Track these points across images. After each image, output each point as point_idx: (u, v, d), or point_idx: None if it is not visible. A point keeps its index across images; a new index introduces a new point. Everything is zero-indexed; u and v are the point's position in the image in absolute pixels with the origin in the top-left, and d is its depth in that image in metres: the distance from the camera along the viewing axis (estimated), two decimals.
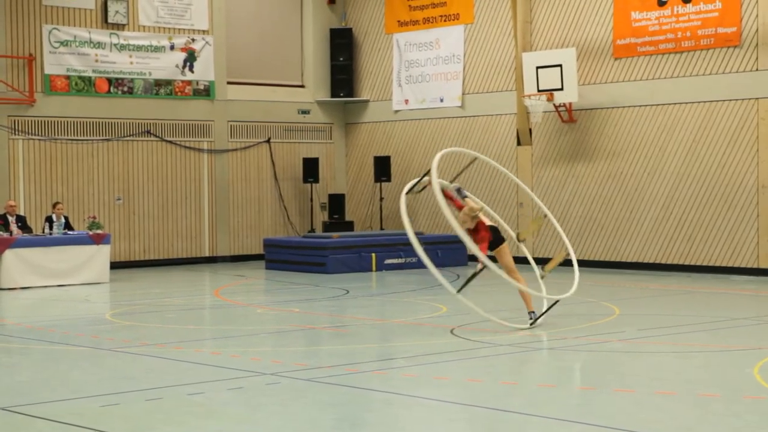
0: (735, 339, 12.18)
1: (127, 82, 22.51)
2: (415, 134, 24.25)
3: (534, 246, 22.06)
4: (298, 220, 24.83)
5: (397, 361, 11.16)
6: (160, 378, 10.03)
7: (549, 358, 11.00)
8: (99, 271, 19.25)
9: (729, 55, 19.38)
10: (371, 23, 25.00)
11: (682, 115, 20.02)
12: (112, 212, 22.34)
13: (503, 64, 22.59)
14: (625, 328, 12.93)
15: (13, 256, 18.31)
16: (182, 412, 8.55)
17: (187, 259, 23.33)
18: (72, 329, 13.51)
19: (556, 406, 8.65)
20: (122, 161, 22.52)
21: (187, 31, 23.26)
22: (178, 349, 11.70)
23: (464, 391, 9.39)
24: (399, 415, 8.50)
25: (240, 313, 15.55)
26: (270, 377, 9.89)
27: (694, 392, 9.13)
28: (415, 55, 24.10)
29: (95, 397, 9.08)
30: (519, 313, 13.39)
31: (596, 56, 21.09)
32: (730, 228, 19.42)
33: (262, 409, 8.66)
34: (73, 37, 21.80)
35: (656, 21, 20.23)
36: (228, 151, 23.90)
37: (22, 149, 21.39)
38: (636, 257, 20.64)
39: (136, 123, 22.68)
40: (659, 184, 20.32)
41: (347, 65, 25.18)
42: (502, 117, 22.65)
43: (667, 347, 11.59)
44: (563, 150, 21.68)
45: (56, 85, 21.68)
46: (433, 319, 13.62)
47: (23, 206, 21.15)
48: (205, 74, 23.48)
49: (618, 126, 20.88)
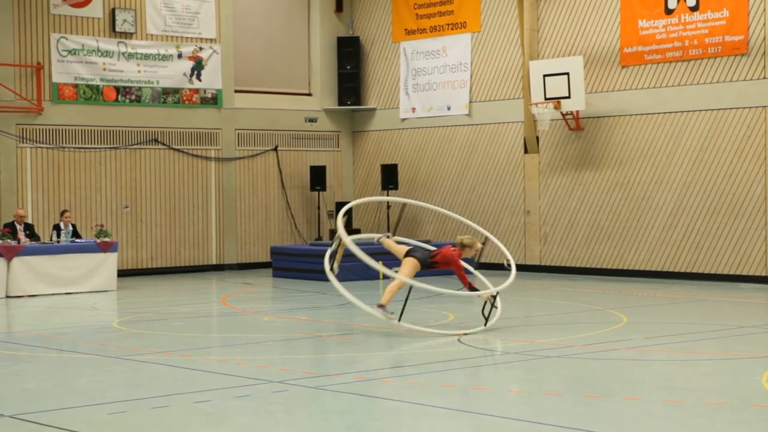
0: (743, 347, 12.15)
1: (135, 91, 22.56)
2: (422, 142, 24.27)
3: (541, 254, 22.06)
4: (305, 228, 24.85)
5: (404, 368, 11.15)
6: (167, 385, 10.04)
7: (556, 366, 10.99)
8: (106, 278, 19.28)
9: (736, 63, 19.37)
10: (378, 31, 25.04)
11: (690, 124, 20.00)
12: (119, 220, 22.38)
13: (510, 72, 22.60)
14: (633, 336, 12.92)
15: (20, 264, 18.35)
16: (189, 419, 8.55)
17: (194, 267, 23.36)
18: (79, 337, 13.53)
19: (563, 415, 8.64)
20: (130, 169, 22.57)
21: (195, 39, 23.31)
22: (186, 357, 11.71)
23: (471, 399, 9.38)
24: (406, 423, 8.49)
25: (247, 320, 15.56)
26: (277, 385, 9.90)
27: (702, 400, 9.12)
28: (422, 63, 24.13)
29: (103, 405, 9.08)
30: (517, 320, 13.34)
31: (603, 64, 21.10)
32: (738, 236, 19.39)
33: (269, 416, 8.66)
34: (81, 46, 21.86)
35: (663, 29, 20.23)
36: (235, 159, 23.93)
37: (30, 157, 21.44)
38: (643, 265, 20.62)
39: (144, 131, 22.73)
40: (666, 192, 20.30)
41: (354, 73, 25.22)
42: (509, 125, 22.66)
43: (675, 355, 11.57)
44: (570, 158, 21.67)
45: (64, 94, 21.73)
46: (441, 326, 13.61)
47: (31, 214, 21.19)
48: (213, 82, 23.52)
49: (625, 134, 20.87)
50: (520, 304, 17.20)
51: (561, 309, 16.08)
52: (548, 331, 13.62)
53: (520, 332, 13.53)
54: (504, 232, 22.67)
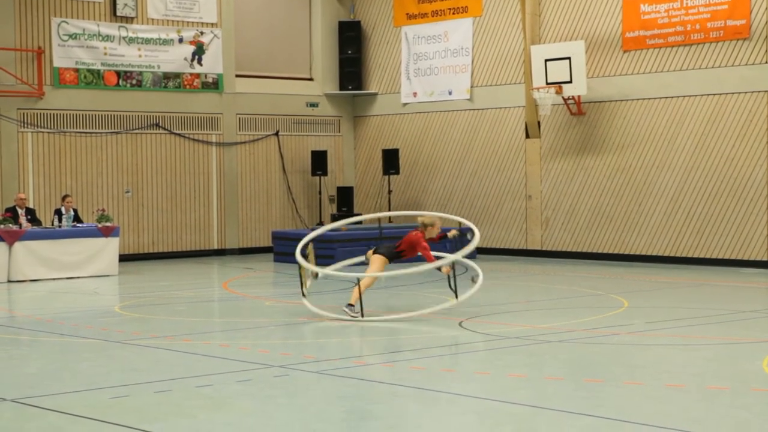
0: (744, 331, 12.16)
1: (136, 75, 22.53)
2: (423, 127, 24.24)
3: (543, 239, 22.07)
4: (306, 213, 24.84)
5: (405, 353, 11.17)
6: (168, 370, 10.06)
7: (557, 350, 11.00)
8: (108, 263, 19.29)
9: (738, 47, 19.33)
10: (380, 16, 24.98)
11: (691, 108, 19.98)
12: (120, 205, 22.38)
13: (512, 56, 22.56)
14: (634, 321, 12.93)
15: (22, 249, 18.36)
16: (191, 404, 8.57)
17: (195, 252, 23.37)
18: (81, 321, 13.54)
19: (564, 399, 8.65)
20: (131, 154, 22.56)
21: (196, 24, 23.27)
22: (187, 342, 11.72)
23: (472, 383, 9.40)
24: (407, 408, 8.50)
25: (248, 305, 15.58)
26: (278, 369, 9.91)
27: (703, 385, 9.13)
28: (423, 48, 24.08)
29: (104, 389, 9.10)
30: (518, 305, 13.35)
31: (605, 49, 21.05)
32: (740, 221, 19.38)
33: (271, 401, 8.68)
34: (82, 30, 21.82)
35: (665, 13, 20.18)
36: (236, 144, 23.91)
37: (31, 142, 21.43)
38: (645, 250, 20.61)
39: (145, 116, 22.70)
40: (668, 176, 20.28)
41: (356, 58, 25.17)
42: (510, 110, 22.63)
43: (676, 340, 11.58)
44: (572, 143, 21.65)
45: (65, 78, 21.70)
46: (442, 311, 13.61)
47: (32, 199, 21.19)
48: (214, 67, 23.49)
49: (627, 119, 20.84)
50: (521, 289, 17.21)
51: (562, 294, 16.10)
52: (549, 315, 13.64)
53: (521, 317, 13.54)
54: (505, 217, 22.67)
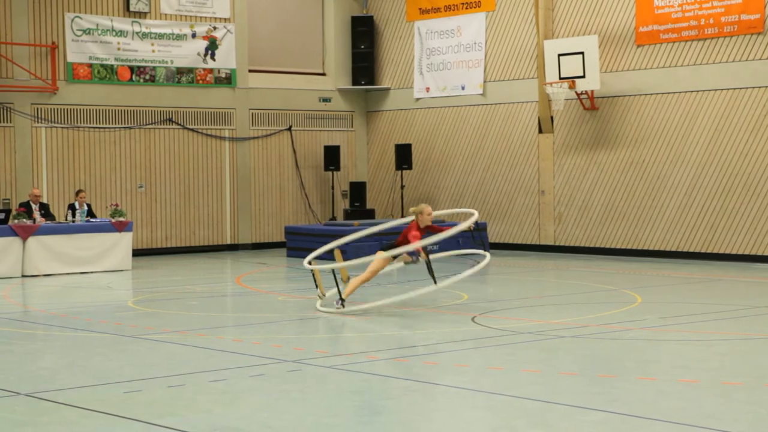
0: (758, 327, 12.13)
1: (149, 70, 22.56)
2: (436, 122, 24.22)
3: (556, 234, 22.03)
4: (319, 208, 24.86)
5: (417, 348, 11.17)
6: (182, 365, 10.07)
7: (570, 345, 10.98)
8: (121, 258, 19.33)
9: (752, 42, 19.26)
10: (392, 11, 24.96)
11: (705, 103, 19.91)
12: (134, 200, 22.43)
13: (525, 51, 22.52)
14: (647, 316, 12.90)
15: (36, 244, 18.41)
16: (204, 398, 8.58)
17: (208, 247, 23.40)
18: (94, 316, 13.58)
19: (578, 394, 8.64)
20: (144, 149, 22.60)
21: (209, 19, 23.28)
22: (200, 336, 11.74)
23: (485, 378, 9.39)
24: (420, 403, 8.50)
25: (261, 300, 15.59)
26: (291, 364, 9.92)
27: (717, 380, 9.10)
28: (436, 43, 24.05)
29: (118, 384, 9.12)
30: (531, 300, 13.33)
31: (618, 43, 20.99)
32: (753, 216, 19.32)
33: (284, 396, 8.69)
34: (95, 26, 21.86)
35: (679, 8, 20.11)
36: (249, 139, 23.93)
37: (45, 137, 21.49)
38: (658, 245, 20.57)
39: (158, 111, 22.74)
40: (682, 171, 20.23)
41: (368, 53, 25.16)
42: (523, 105, 22.59)
43: (690, 335, 11.55)
44: (585, 138, 21.61)
45: (78, 74, 21.75)
46: (455, 306, 13.61)
47: (46, 194, 21.25)
48: (227, 62, 23.50)
49: (640, 114, 20.78)
50: (534, 284, 17.19)
51: (575, 289, 16.08)
52: (563, 311, 13.62)
53: (534, 312, 13.53)
54: (518, 212, 22.64)
